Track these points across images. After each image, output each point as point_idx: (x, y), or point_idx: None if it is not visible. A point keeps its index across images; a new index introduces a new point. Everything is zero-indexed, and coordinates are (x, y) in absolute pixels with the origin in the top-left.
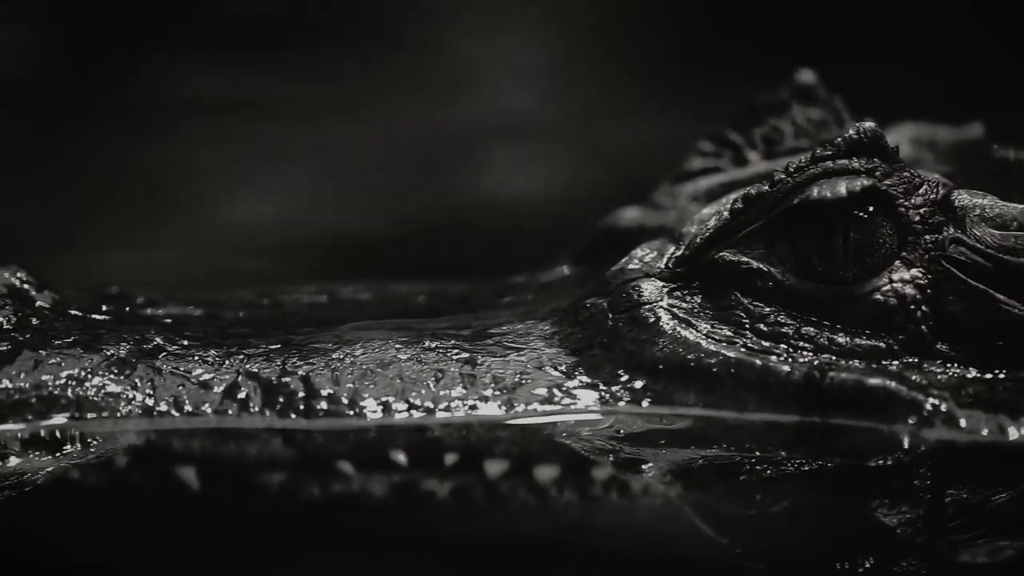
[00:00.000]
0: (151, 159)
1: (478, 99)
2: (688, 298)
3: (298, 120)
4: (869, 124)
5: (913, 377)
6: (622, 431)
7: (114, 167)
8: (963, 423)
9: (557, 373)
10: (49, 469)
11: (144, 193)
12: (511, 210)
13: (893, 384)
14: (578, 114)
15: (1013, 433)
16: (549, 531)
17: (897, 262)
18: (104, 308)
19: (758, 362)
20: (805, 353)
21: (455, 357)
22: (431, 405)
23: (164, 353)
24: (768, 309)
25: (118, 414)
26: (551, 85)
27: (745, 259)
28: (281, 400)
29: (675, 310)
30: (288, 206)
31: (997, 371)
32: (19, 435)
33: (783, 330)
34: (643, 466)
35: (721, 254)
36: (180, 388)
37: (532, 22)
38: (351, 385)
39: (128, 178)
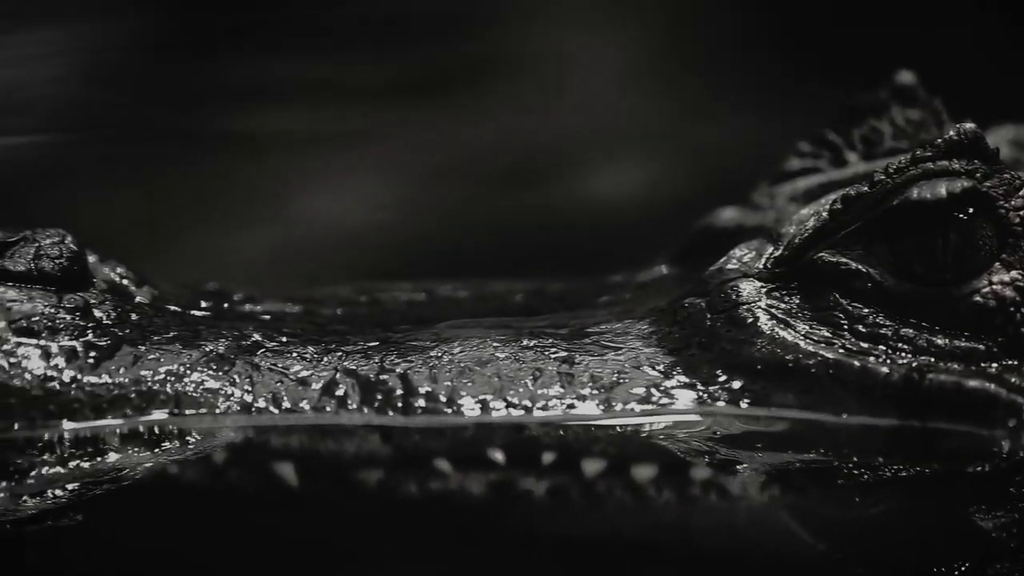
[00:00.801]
0: (238, 157)
1: (570, 100)
2: (786, 298)
3: (388, 122)
4: (969, 125)
5: (1012, 380)
6: (720, 431)
7: (201, 165)
8: None
9: (655, 373)
10: (147, 465)
11: (232, 191)
12: (604, 210)
13: (992, 387)
14: (670, 114)
15: None
16: (646, 531)
17: (997, 264)
18: (202, 304)
19: (856, 363)
20: (904, 355)
21: (553, 356)
22: (529, 403)
23: (263, 350)
24: (867, 310)
25: (217, 410)
26: (644, 85)
27: (844, 260)
28: (379, 397)
29: (773, 310)
30: (381, 206)
31: None
32: (118, 430)
33: (882, 331)
34: (741, 467)
35: (820, 255)
36: (278, 385)
37: (624, 23)
38: (449, 383)
39: (213, 176)
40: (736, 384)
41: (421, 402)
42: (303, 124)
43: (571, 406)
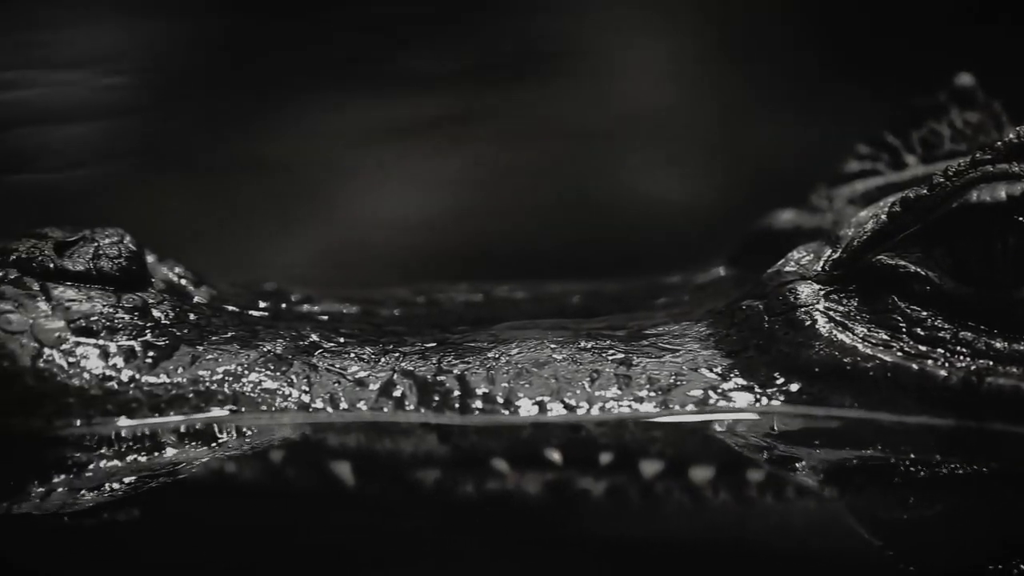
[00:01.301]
0: (297, 154)
1: (621, 100)
2: (845, 301)
3: (441, 122)
4: None
5: None
6: (777, 433)
7: (255, 163)
8: None
9: (712, 375)
10: (204, 462)
11: (293, 188)
12: (657, 211)
13: None
14: (724, 115)
15: None
16: (703, 532)
17: None
18: (260, 305)
19: (915, 366)
20: (962, 358)
21: (610, 357)
22: (586, 404)
23: (320, 350)
24: (925, 313)
25: (274, 409)
26: (696, 85)
27: (903, 263)
28: (436, 398)
29: (831, 313)
30: (429, 205)
31: None
32: (176, 429)
33: (940, 334)
34: (798, 469)
35: (878, 257)
36: (336, 384)
37: (674, 23)
38: (506, 384)
39: (267, 175)
40: (794, 386)
41: (478, 403)
42: (358, 121)
43: (628, 407)
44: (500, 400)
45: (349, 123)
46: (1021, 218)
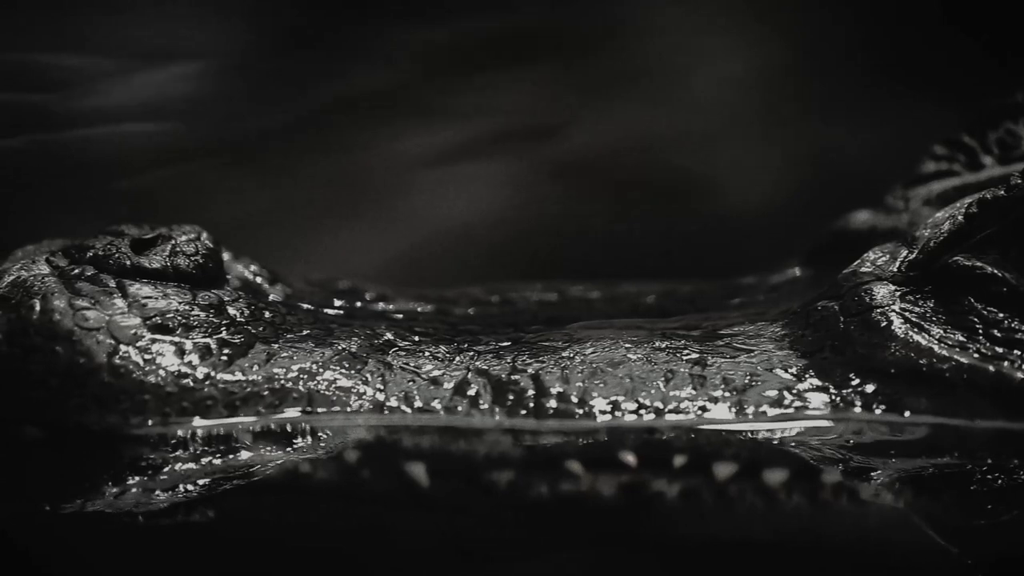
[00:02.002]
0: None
1: (697, 103)
2: (921, 302)
3: (508, 119)
4: None
5: None
6: (851, 435)
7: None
8: None
9: (787, 375)
10: (279, 462)
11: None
12: (734, 211)
13: None
14: (800, 116)
15: None
16: (777, 535)
17: None
18: (335, 303)
19: (991, 368)
20: None
21: (685, 358)
22: (661, 406)
23: (395, 348)
24: (1002, 315)
25: (348, 409)
26: (771, 86)
27: (979, 264)
28: (511, 398)
29: (907, 314)
30: (501, 204)
31: None
32: (250, 428)
33: (1017, 336)
34: (873, 472)
35: (955, 259)
36: (410, 384)
37: (746, 23)
38: (581, 384)
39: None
40: (869, 388)
41: (553, 403)
42: (434, 120)
43: (703, 408)
44: (574, 400)
45: (424, 122)
46: None
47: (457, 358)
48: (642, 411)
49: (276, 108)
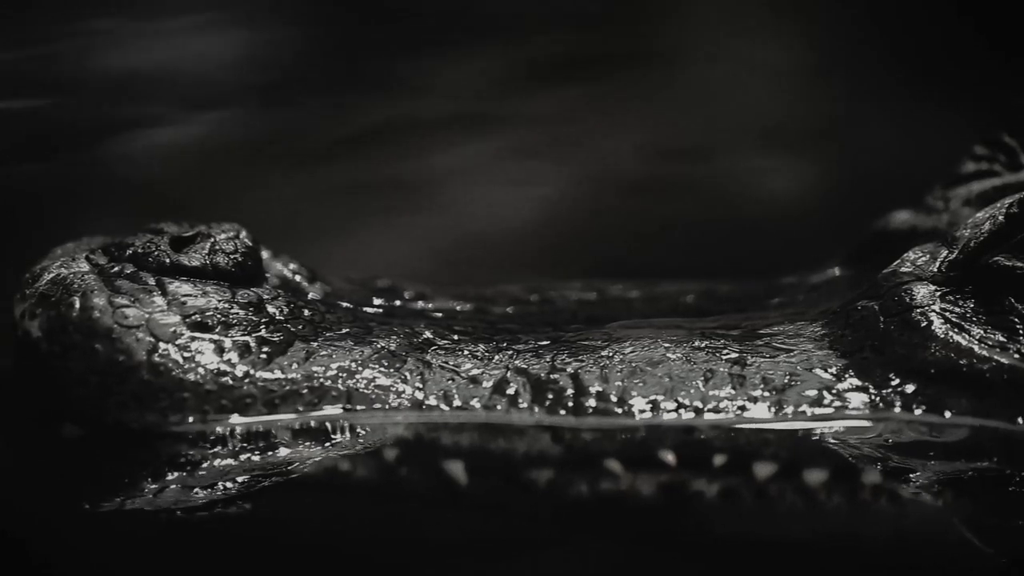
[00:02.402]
0: (407, 151)
1: (737, 102)
2: (961, 302)
3: (547, 118)
4: None
5: None
6: (891, 435)
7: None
8: None
9: (827, 375)
10: (318, 459)
11: (403, 185)
12: (774, 211)
13: None
14: (840, 115)
15: None
16: (816, 535)
17: None
18: (374, 301)
19: None
20: None
21: (724, 357)
22: (700, 405)
23: (434, 347)
24: None
25: (387, 406)
26: (811, 85)
27: (1020, 264)
28: (550, 397)
29: (947, 314)
30: (542, 204)
31: None
32: (289, 425)
33: None
34: (912, 472)
35: (996, 259)
36: (449, 382)
37: (785, 22)
38: (620, 383)
39: (372, 170)
40: (909, 388)
41: (592, 402)
42: (472, 116)
43: (743, 408)
44: (614, 399)
45: (463, 118)
46: None
47: (496, 357)
48: (681, 410)
49: (317, 110)
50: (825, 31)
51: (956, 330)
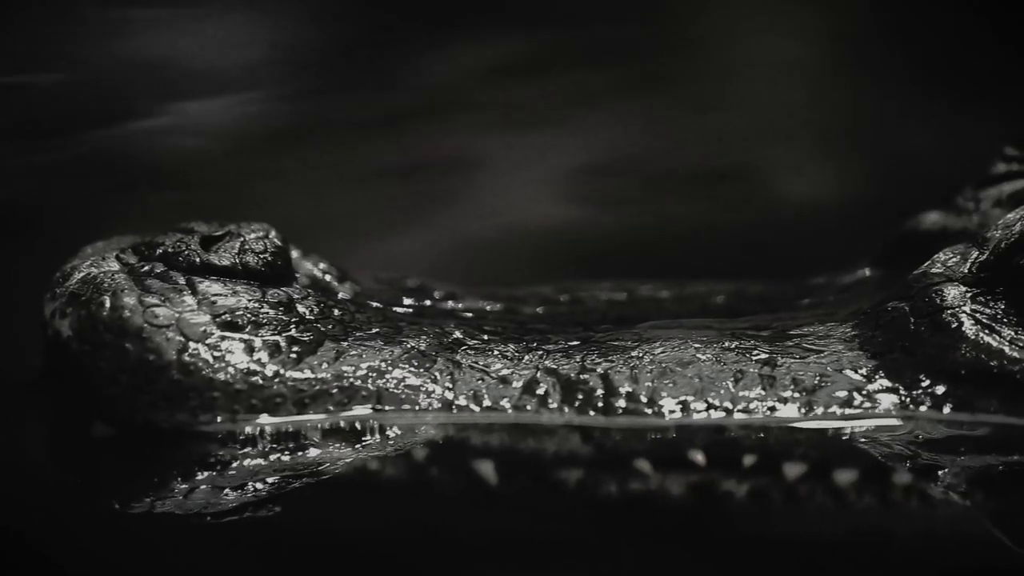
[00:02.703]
0: (439, 150)
1: (768, 101)
2: (992, 303)
3: (569, 118)
4: None
5: None
6: (921, 436)
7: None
8: None
9: (857, 376)
10: (348, 460)
11: (433, 184)
12: (804, 211)
13: None
14: (871, 116)
15: None
16: (846, 535)
17: None
18: (404, 301)
19: None
20: None
21: (755, 358)
22: (730, 405)
23: (464, 347)
24: None
25: (417, 407)
26: (842, 85)
27: None
28: (580, 397)
29: (978, 315)
30: (570, 203)
31: None
32: (319, 425)
33: None
34: (943, 473)
35: None
36: (479, 382)
37: (818, 19)
38: (650, 383)
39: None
40: (939, 389)
41: (622, 402)
42: (499, 114)
43: (772, 408)
44: (644, 399)
45: (489, 115)
46: None
47: (526, 357)
48: (711, 411)
49: (346, 107)
50: (855, 29)
51: (987, 331)
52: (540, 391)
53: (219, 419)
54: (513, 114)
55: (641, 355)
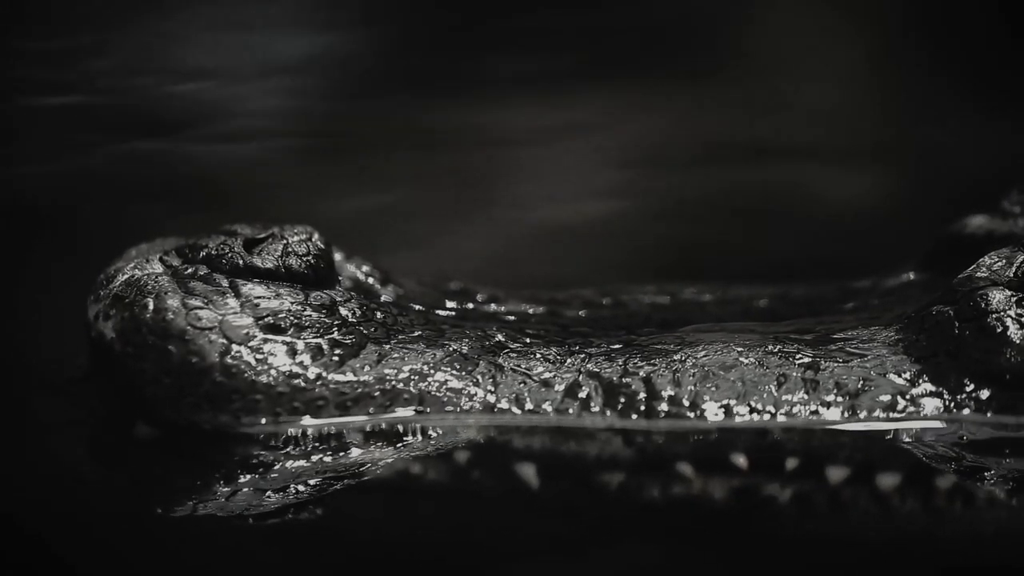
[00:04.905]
0: (483, 154)
1: (813, 105)
2: None
3: (604, 121)
4: None
5: None
6: (966, 440)
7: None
8: None
9: (901, 380)
10: (389, 462)
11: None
12: (849, 215)
13: None
14: (917, 120)
15: None
16: (890, 539)
17: None
18: (447, 304)
19: None
20: None
21: (798, 361)
22: (773, 409)
23: (506, 350)
24: None
25: (459, 409)
26: (887, 89)
27: None
28: (622, 400)
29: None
30: (614, 207)
31: None
32: (361, 428)
33: None
34: (987, 477)
35: None
36: (521, 385)
37: (861, 24)
38: (692, 387)
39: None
40: (984, 394)
41: (664, 406)
42: (530, 117)
43: (815, 412)
44: (686, 402)
45: (529, 119)
46: None
47: (568, 360)
48: (754, 414)
49: (386, 110)
50: (899, 34)
51: None
52: (582, 394)
53: (262, 421)
54: (555, 116)
55: (684, 358)
